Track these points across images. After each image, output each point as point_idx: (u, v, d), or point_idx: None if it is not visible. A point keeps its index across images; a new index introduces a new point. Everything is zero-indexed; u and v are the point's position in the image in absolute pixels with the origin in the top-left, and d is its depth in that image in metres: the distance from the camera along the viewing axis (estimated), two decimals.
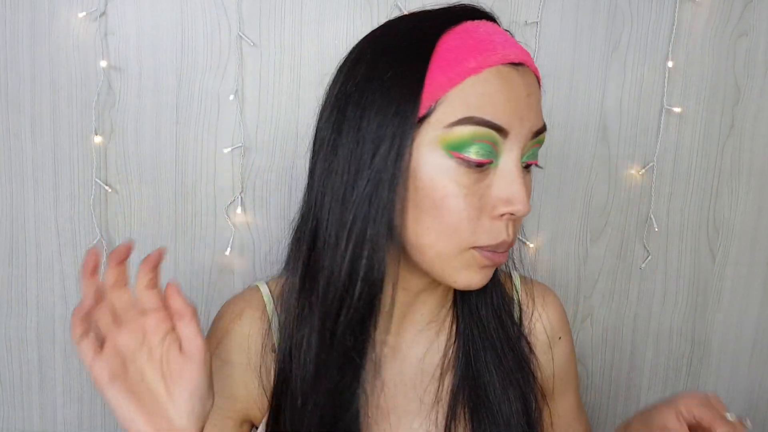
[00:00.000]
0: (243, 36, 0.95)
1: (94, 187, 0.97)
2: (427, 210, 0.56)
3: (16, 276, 0.99)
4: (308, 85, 0.97)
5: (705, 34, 1.03)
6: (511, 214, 0.56)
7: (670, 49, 1.02)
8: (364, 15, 0.96)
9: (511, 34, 0.62)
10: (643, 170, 1.05)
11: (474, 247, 0.57)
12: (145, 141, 0.97)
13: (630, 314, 1.10)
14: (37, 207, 0.97)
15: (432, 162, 0.55)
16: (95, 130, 0.95)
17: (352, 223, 0.57)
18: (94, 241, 0.98)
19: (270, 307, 0.69)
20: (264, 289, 0.71)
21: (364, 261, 0.57)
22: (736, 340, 1.13)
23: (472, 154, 0.54)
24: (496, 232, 0.56)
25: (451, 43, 0.56)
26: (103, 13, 0.93)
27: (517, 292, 0.73)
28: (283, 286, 0.67)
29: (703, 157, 1.07)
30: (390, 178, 0.55)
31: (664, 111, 1.04)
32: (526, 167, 0.59)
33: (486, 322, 0.67)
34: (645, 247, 1.08)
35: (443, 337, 0.68)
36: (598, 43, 1.01)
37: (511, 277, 0.75)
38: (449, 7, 0.60)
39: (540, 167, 0.63)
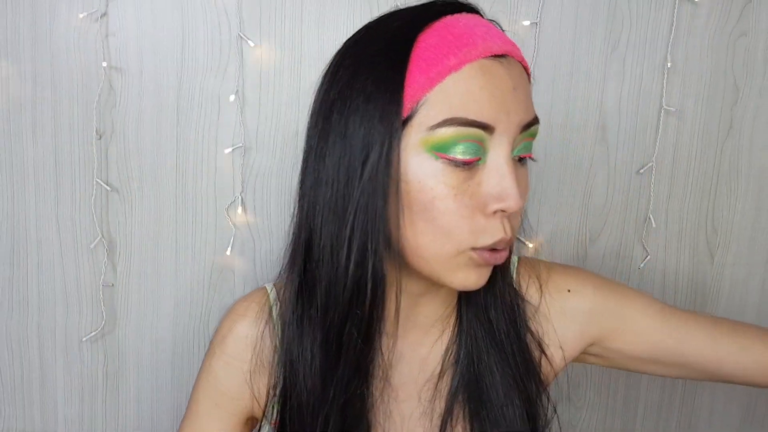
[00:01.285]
0: (243, 36, 0.95)
1: (95, 187, 0.97)
2: (419, 213, 0.55)
3: (17, 276, 0.99)
4: (309, 85, 0.97)
5: (704, 34, 1.03)
6: (503, 210, 0.55)
7: (669, 49, 1.02)
8: (364, 15, 0.96)
9: (497, 23, 0.61)
10: (642, 170, 1.05)
11: (473, 249, 0.55)
12: (145, 141, 0.97)
13: None
14: (38, 207, 0.98)
15: (418, 164, 0.54)
16: (96, 131, 0.96)
17: (350, 235, 0.56)
18: (95, 241, 0.99)
19: (276, 309, 0.69)
20: (271, 291, 0.71)
21: (367, 272, 0.56)
22: None
23: (458, 154, 0.53)
24: (493, 230, 0.55)
25: (430, 40, 0.55)
26: (104, 14, 0.93)
27: (511, 275, 0.70)
28: (281, 294, 0.67)
29: (702, 157, 1.07)
30: (383, 187, 0.54)
31: (663, 111, 1.04)
32: (520, 160, 0.58)
33: (495, 324, 0.65)
34: (644, 247, 1.08)
35: (446, 337, 0.68)
36: (598, 43, 1.01)
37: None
38: (428, 3, 0.58)
39: (534, 160, 0.61)
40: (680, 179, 1.07)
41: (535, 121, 0.57)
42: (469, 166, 0.54)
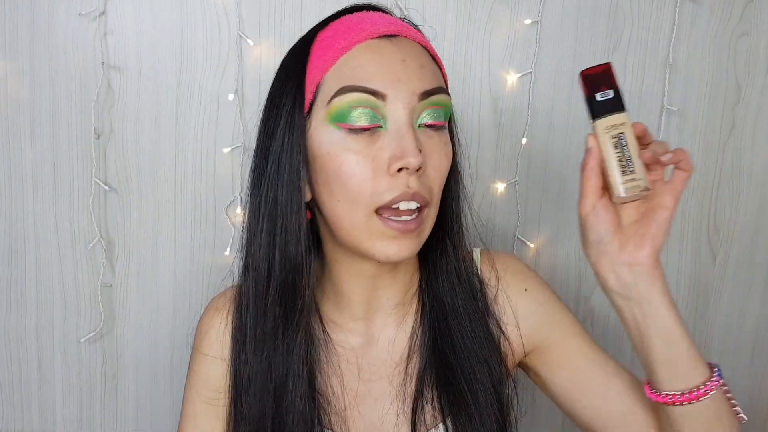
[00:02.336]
0: (242, 35, 0.95)
1: (93, 186, 0.97)
2: (332, 183, 0.60)
3: (15, 276, 0.99)
4: None
5: (706, 33, 1.03)
6: (405, 168, 0.58)
7: (670, 48, 1.02)
8: None
9: (409, 21, 0.66)
10: None
11: (379, 211, 0.59)
12: (144, 140, 0.97)
13: None
14: (37, 207, 0.97)
15: (326, 138, 0.60)
16: (94, 130, 0.95)
17: (263, 204, 0.63)
18: (93, 241, 0.98)
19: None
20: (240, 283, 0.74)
21: (275, 257, 0.64)
22: (736, 340, 1.13)
23: (355, 121, 0.59)
24: (395, 186, 0.58)
25: (327, 34, 0.63)
26: (103, 13, 0.93)
27: (476, 266, 0.73)
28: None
29: (704, 156, 1.06)
30: (289, 157, 0.61)
31: (664, 110, 1.03)
32: (431, 127, 0.61)
33: (456, 307, 0.68)
34: None
35: (410, 320, 0.70)
36: (599, 43, 1.01)
37: (471, 253, 0.75)
38: (340, 9, 0.66)
39: (441, 126, 0.62)
40: None
41: (436, 90, 0.61)
42: (369, 132, 0.59)
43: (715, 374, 0.60)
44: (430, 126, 0.61)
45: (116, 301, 1.01)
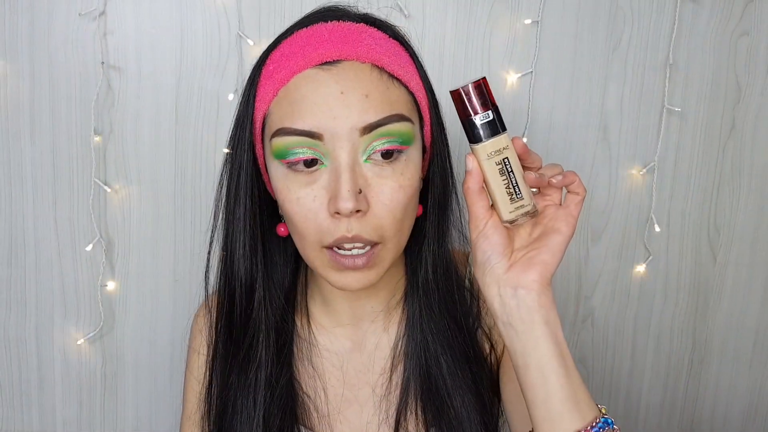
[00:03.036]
0: (242, 35, 0.95)
1: (93, 187, 0.97)
2: (285, 215, 0.60)
3: (15, 276, 0.99)
4: None
5: (706, 33, 1.03)
6: (338, 212, 0.56)
7: (671, 48, 1.02)
8: None
9: (373, 17, 0.63)
10: (644, 170, 1.05)
11: (325, 248, 0.58)
12: (144, 140, 0.96)
13: (631, 315, 1.10)
14: (36, 207, 0.97)
15: (273, 171, 0.60)
16: (94, 130, 0.95)
17: (218, 223, 0.67)
18: (93, 242, 0.98)
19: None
20: None
21: (223, 277, 0.68)
22: (736, 340, 1.13)
23: (293, 159, 0.57)
24: (334, 229, 0.57)
25: (274, 57, 0.60)
26: (102, 13, 0.93)
27: (470, 268, 0.71)
28: None
29: (704, 156, 1.06)
30: (236, 182, 0.63)
31: (665, 111, 1.03)
32: (388, 157, 0.57)
33: (437, 314, 0.67)
34: (646, 247, 1.07)
35: (395, 328, 0.69)
36: (599, 43, 1.01)
37: (466, 255, 0.74)
38: (301, 18, 0.63)
39: (396, 153, 0.58)
40: (682, 179, 1.06)
41: (383, 121, 0.56)
42: (309, 170, 0.57)
43: (597, 425, 0.50)
44: (383, 154, 0.57)
45: (116, 301, 1.01)
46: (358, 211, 0.55)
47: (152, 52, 0.94)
